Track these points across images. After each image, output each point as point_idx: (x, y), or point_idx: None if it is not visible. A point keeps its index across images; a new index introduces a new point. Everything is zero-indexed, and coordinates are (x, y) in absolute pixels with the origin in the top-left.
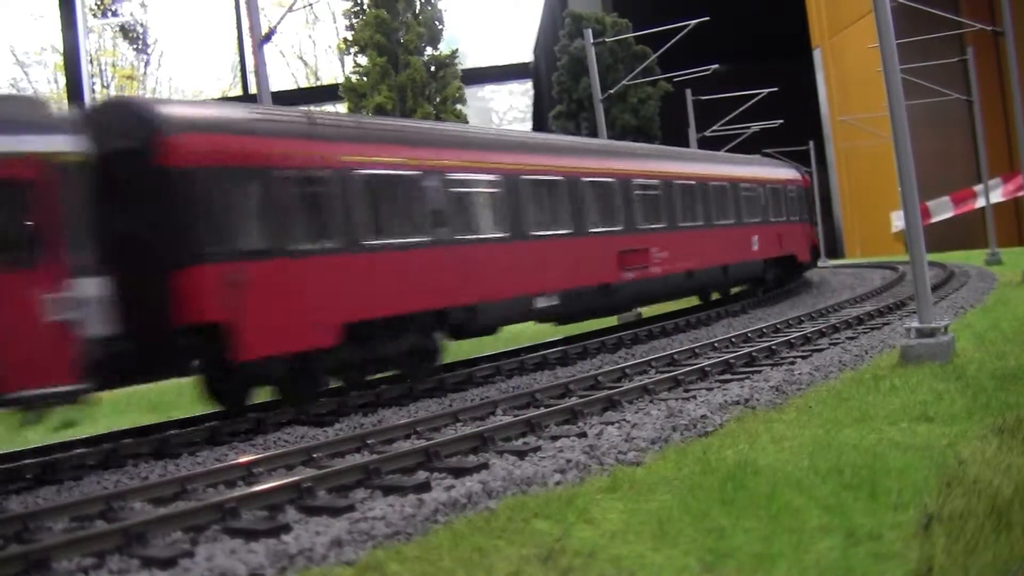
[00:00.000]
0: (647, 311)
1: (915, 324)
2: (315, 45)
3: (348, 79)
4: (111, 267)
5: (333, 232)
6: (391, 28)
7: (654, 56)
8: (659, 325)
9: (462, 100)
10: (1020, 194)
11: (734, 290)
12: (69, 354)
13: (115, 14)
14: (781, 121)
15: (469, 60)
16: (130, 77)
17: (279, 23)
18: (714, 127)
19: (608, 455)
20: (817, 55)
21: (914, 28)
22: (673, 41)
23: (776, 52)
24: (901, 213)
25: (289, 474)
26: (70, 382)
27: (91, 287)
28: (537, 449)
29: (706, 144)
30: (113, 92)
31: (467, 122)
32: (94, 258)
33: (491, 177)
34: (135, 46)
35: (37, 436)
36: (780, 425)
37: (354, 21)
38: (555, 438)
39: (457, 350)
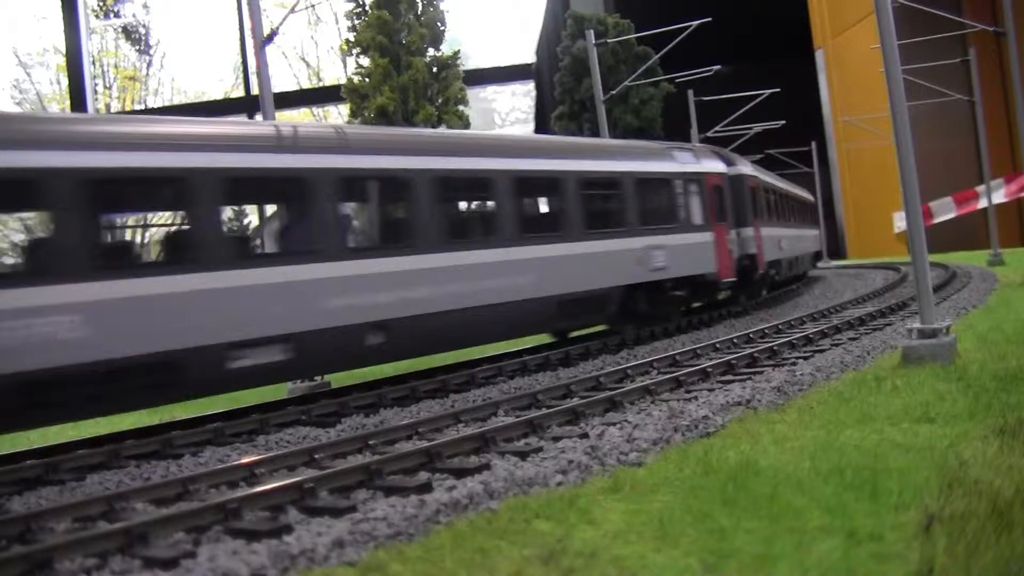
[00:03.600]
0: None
1: (917, 325)
2: (317, 46)
3: (350, 80)
4: None
5: None
6: (393, 29)
7: (656, 57)
8: (661, 326)
9: (464, 101)
10: (1022, 195)
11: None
12: None
13: (117, 15)
14: (783, 122)
15: (471, 61)
16: (132, 78)
17: (281, 24)
18: (716, 128)
19: (610, 456)
20: (819, 56)
21: (916, 29)
22: (675, 42)
23: (778, 53)
24: (903, 214)
25: (291, 475)
26: None
27: None
28: (539, 450)
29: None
30: (115, 93)
31: (470, 123)
32: None
33: None
34: (137, 47)
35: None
36: (782, 426)
37: (356, 22)
38: (557, 439)
39: (458, 351)
